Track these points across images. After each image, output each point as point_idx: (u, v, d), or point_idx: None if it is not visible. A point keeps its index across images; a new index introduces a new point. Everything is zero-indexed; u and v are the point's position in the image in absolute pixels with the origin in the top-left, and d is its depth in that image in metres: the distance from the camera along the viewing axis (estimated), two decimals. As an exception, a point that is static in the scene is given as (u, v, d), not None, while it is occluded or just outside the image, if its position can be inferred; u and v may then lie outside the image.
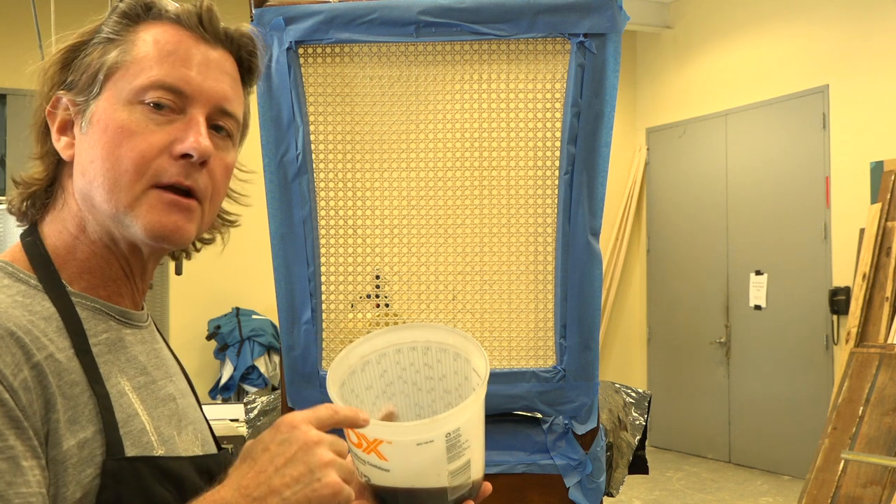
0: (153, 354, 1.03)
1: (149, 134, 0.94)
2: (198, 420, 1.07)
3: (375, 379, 1.10)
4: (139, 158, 0.93)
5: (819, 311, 6.26)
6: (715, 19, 7.22)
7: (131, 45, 0.97)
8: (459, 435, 0.97)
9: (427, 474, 0.98)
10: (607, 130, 1.49)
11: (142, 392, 0.97)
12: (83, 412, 0.87)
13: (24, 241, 0.97)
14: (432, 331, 1.10)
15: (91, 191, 0.95)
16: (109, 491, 0.86)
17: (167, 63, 0.96)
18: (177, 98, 0.95)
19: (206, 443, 1.06)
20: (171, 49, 0.97)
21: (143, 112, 0.94)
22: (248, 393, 5.55)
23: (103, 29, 0.99)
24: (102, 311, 0.97)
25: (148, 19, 0.98)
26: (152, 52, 0.96)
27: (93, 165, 0.95)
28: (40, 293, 0.92)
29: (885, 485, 4.21)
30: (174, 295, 6.33)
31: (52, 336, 0.89)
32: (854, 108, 6.09)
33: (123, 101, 0.95)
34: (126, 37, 0.97)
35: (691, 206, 7.41)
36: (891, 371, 4.53)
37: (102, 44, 0.98)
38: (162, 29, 0.98)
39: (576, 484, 1.51)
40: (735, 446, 6.98)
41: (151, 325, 1.08)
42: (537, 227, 1.53)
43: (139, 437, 0.92)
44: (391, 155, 1.53)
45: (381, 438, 0.96)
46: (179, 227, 0.96)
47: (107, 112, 0.95)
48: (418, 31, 1.49)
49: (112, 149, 0.94)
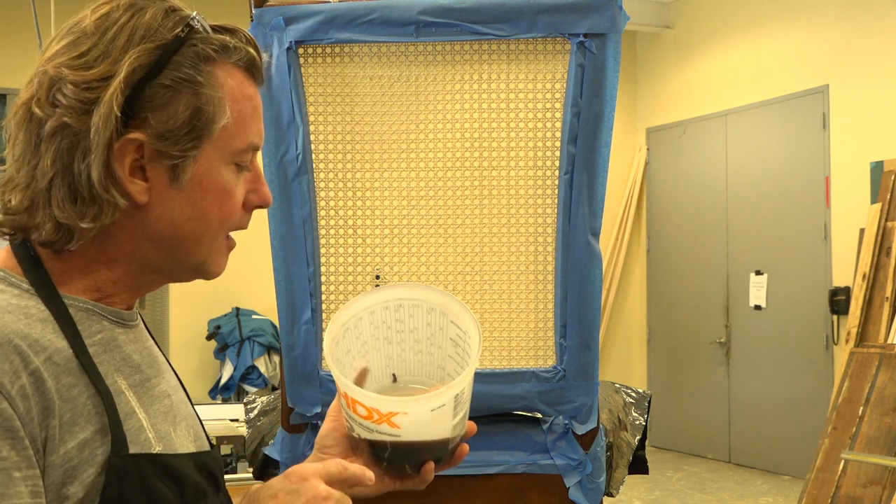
0: (146, 353, 1.03)
1: (237, 192, 0.96)
2: (190, 416, 1.07)
3: (353, 342, 1.12)
4: (231, 216, 0.96)
5: (819, 311, 6.26)
6: (715, 19, 7.22)
7: (223, 101, 0.92)
8: (464, 392, 1.02)
9: (434, 431, 1.02)
10: (607, 130, 1.49)
11: (138, 390, 0.97)
12: (82, 413, 0.87)
13: (14, 245, 0.95)
14: (406, 289, 1.13)
15: (170, 243, 0.95)
16: (113, 487, 0.86)
17: (254, 123, 0.96)
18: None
19: (198, 438, 1.06)
20: (255, 105, 0.96)
21: (234, 170, 0.96)
22: (248, 393, 5.55)
23: (177, 69, 0.90)
24: (95, 312, 0.96)
25: (219, 59, 0.93)
26: (247, 110, 0.95)
27: (185, 222, 0.94)
28: (33, 297, 0.91)
29: (885, 485, 4.21)
30: (174, 295, 6.33)
31: (49, 337, 0.88)
32: (854, 108, 6.09)
33: (225, 161, 0.94)
34: (209, 86, 0.91)
35: (691, 206, 7.41)
36: (891, 371, 4.53)
37: (183, 87, 0.90)
38: (238, 77, 0.95)
39: (576, 484, 1.51)
40: (735, 446, 6.98)
41: (140, 323, 1.08)
42: (537, 227, 1.53)
43: (137, 434, 0.92)
44: (391, 155, 1.53)
45: (396, 411, 0.99)
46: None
47: (210, 172, 0.93)
48: (418, 31, 1.49)
49: (210, 208, 0.95)
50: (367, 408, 1.00)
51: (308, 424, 1.52)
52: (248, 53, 0.95)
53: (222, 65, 0.93)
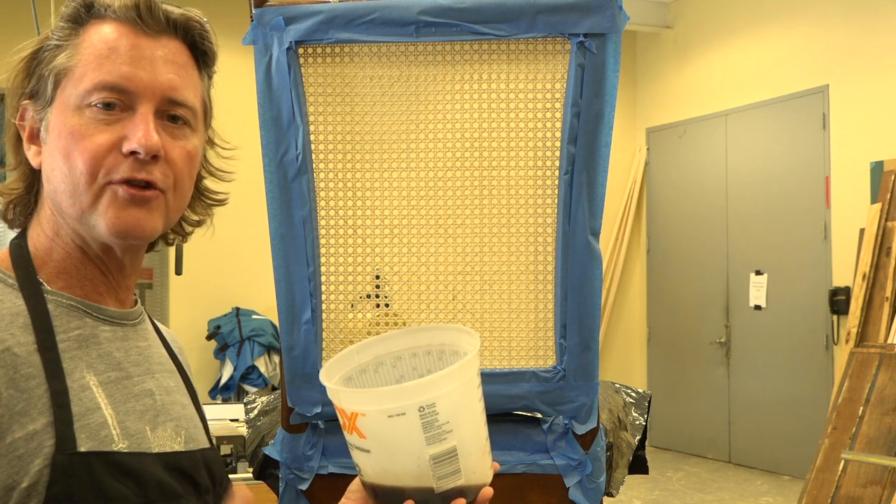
0: (134, 351, 1.04)
1: (98, 134, 0.96)
2: (184, 417, 1.06)
3: (391, 381, 1.11)
4: (91, 160, 0.96)
5: (819, 311, 6.26)
6: (715, 19, 7.22)
7: (76, 49, 0.98)
8: (436, 412, 0.96)
9: (405, 453, 0.96)
10: (607, 130, 1.49)
11: (110, 387, 0.97)
12: (35, 405, 0.89)
13: (11, 245, 1.01)
14: (449, 333, 1.12)
15: (56, 197, 0.98)
16: (59, 485, 0.87)
17: (108, 62, 0.97)
18: (123, 96, 0.97)
19: (191, 440, 1.05)
20: (110, 47, 0.97)
21: (93, 114, 0.96)
22: (248, 393, 5.55)
23: (52, 35, 1.00)
24: (78, 309, 0.99)
25: (91, 19, 0.99)
26: (93, 53, 0.98)
27: (54, 173, 0.98)
28: (14, 291, 0.95)
29: (885, 485, 4.21)
30: (174, 295, 6.33)
31: (13, 331, 0.91)
32: (854, 108, 6.08)
33: (73, 106, 0.97)
34: (72, 41, 0.99)
35: (691, 206, 7.41)
36: (891, 371, 4.53)
37: (51, 50, 0.99)
38: (103, 28, 0.99)
39: (576, 484, 1.51)
40: (735, 446, 6.98)
41: (144, 323, 1.09)
42: (537, 227, 1.53)
43: (97, 430, 0.92)
44: (391, 155, 1.53)
45: (355, 410, 0.97)
46: (140, 221, 0.98)
47: (59, 119, 0.97)
48: (418, 31, 1.49)
49: (67, 154, 0.96)
50: (339, 410, 1.00)
51: (308, 424, 1.52)
52: (117, 4, 0.99)
53: (91, 23, 0.99)
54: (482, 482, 1.03)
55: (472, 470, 1.01)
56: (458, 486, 0.99)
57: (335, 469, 1.50)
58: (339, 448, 1.49)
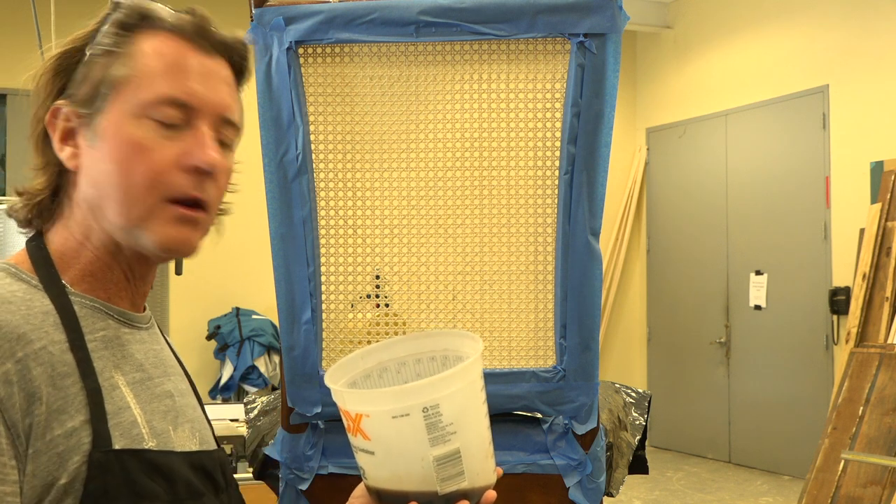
0: (152, 354, 1.06)
1: (160, 149, 0.96)
2: (197, 419, 1.09)
3: (374, 384, 1.11)
4: (151, 173, 0.96)
5: (819, 311, 6.26)
6: (715, 19, 7.22)
7: (132, 58, 0.98)
8: (440, 413, 0.96)
9: (409, 455, 0.97)
10: (607, 130, 1.49)
11: (136, 387, 0.99)
12: (72, 402, 0.90)
13: (29, 246, 1.00)
14: (452, 338, 1.12)
15: (101, 202, 0.98)
16: (96, 481, 0.88)
17: (171, 76, 0.97)
18: (184, 112, 0.98)
19: (204, 442, 1.08)
20: (173, 61, 0.98)
21: (153, 126, 0.96)
22: (248, 393, 5.55)
23: (100, 39, 0.99)
24: (101, 310, 0.99)
25: (144, 29, 0.99)
26: (157, 65, 0.98)
27: (104, 179, 0.97)
28: (40, 292, 0.95)
29: (885, 485, 4.21)
30: (174, 295, 6.32)
31: (47, 329, 0.91)
32: (854, 108, 6.08)
33: (132, 115, 0.97)
34: (125, 48, 0.98)
35: (691, 206, 7.41)
36: (891, 371, 4.53)
37: (102, 55, 0.98)
38: (161, 40, 0.99)
39: (576, 484, 1.51)
40: (735, 446, 6.98)
41: (154, 327, 1.11)
42: (537, 227, 1.53)
43: (129, 428, 0.94)
44: (391, 155, 1.53)
45: (360, 411, 0.97)
46: (188, 240, 0.99)
47: (115, 126, 0.96)
48: (418, 31, 1.49)
49: (125, 163, 0.96)
50: (344, 412, 1.00)
51: (308, 424, 1.52)
52: (175, 18, 1.00)
53: (146, 32, 0.99)
54: (486, 485, 1.03)
55: (476, 472, 1.01)
56: (462, 489, 0.99)
57: (335, 469, 1.50)
58: (340, 448, 1.49)
